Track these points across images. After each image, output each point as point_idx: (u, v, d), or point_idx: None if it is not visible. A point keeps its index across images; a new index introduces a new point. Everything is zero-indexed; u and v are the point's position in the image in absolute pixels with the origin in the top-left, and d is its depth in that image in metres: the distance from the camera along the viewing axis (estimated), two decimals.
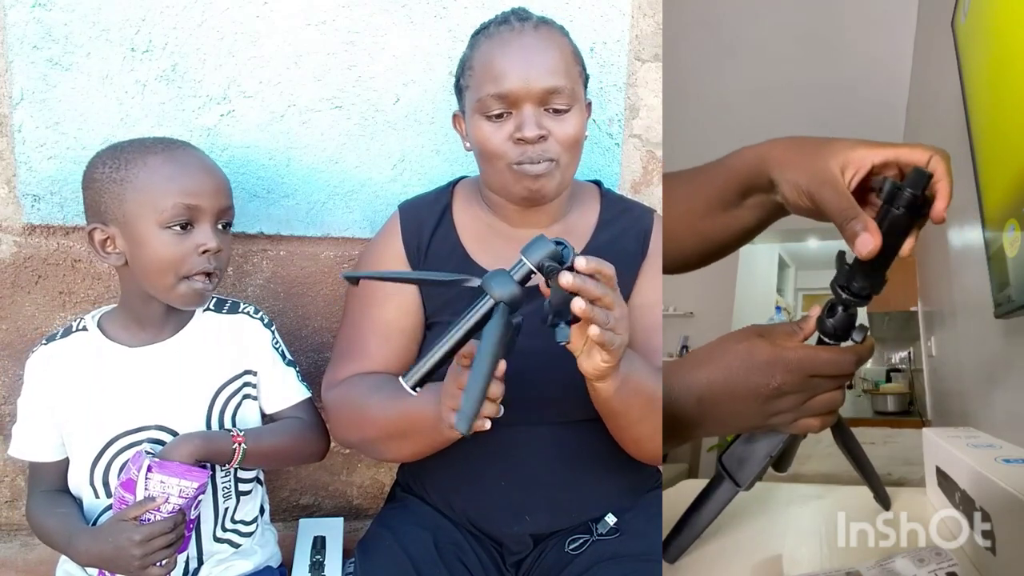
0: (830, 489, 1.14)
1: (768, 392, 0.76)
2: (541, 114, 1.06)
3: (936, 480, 1.04)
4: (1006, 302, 1.10)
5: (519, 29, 1.08)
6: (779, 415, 0.78)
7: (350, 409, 1.11)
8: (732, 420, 0.80)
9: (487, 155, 1.09)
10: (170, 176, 1.02)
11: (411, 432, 1.04)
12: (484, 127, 1.07)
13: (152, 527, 0.96)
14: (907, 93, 2.54)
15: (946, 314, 2.00)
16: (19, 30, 1.22)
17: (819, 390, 0.78)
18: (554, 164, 1.07)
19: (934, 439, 1.07)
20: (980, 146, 1.24)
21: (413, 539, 1.12)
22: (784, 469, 0.96)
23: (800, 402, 0.78)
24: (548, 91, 1.05)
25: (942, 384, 2.18)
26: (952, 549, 0.85)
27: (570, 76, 1.08)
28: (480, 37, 1.11)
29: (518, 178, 1.08)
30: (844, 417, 0.92)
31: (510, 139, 1.06)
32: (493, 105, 1.06)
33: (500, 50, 1.06)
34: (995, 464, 0.86)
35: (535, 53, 1.06)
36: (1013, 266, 1.05)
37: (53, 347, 1.10)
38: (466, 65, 1.11)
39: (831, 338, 0.81)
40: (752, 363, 0.76)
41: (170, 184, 1.02)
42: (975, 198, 1.22)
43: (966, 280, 1.56)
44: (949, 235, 1.76)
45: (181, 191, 1.02)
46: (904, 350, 3.61)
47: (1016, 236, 1.03)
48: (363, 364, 1.14)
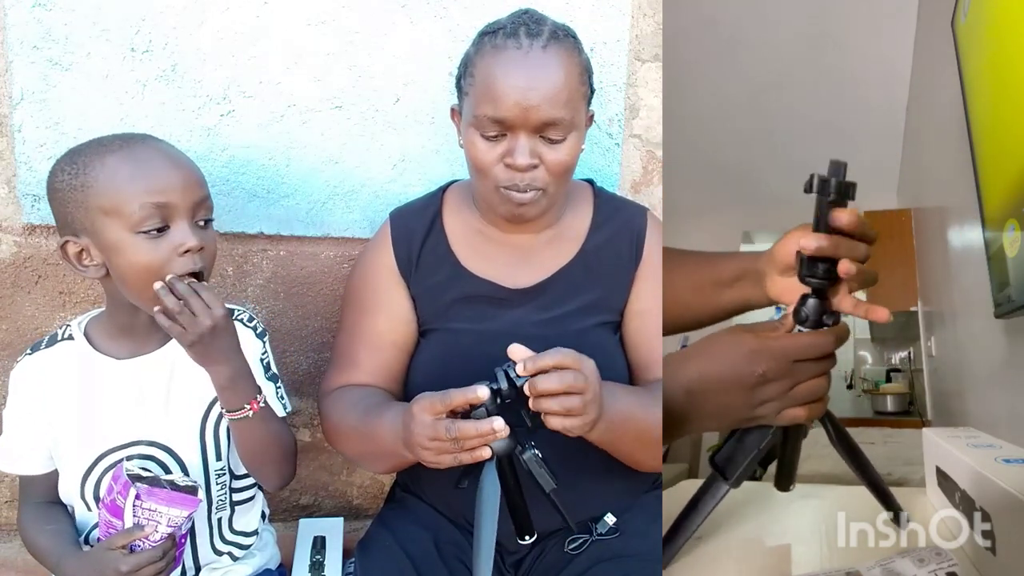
0: (830, 489, 1.14)
1: (754, 380, 0.78)
2: (536, 141, 1.05)
3: (936, 480, 1.04)
4: (1006, 302, 1.10)
5: (526, 49, 1.03)
6: (765, 404, 0.80)
7: (333, 423, 1.13)
8: (721, 412, 0.82)
9: (477, 170, 1.09)
10: (131, 175, 0.93)
11: (379, 453, 1.05)
12: (478, 143, 1.06)
13: (140, 557, 0.93)
14: (907, 93, 2.54)
15: (946, 314, 2.00)
16: (19, 30, 1.22)
17: (803, 376, 0.80)
18: (541, 193, 1.07)
19: (934, 439, 1.07)
20: (980, 146, 1.24)
21: (413, 539, 1.12)
22: (785, 486, 0.96)
23: (785, 389, 0.80)
24: (545, 123, 1.03)
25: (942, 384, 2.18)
26: (952, 549, 0.85)
27: (571, 104, 1.04)
28: (486, 43, 1.06)
29: (503, 200, 1.08)
30: (844, 417, 0.93)
31: (501, 161, 1.06)
32: (488, 127, 1.04)
33: (502, 71, 1.02)
34: (995, 464, 0.86)
35: (538, 80, 1.02)
36: (1013, 266, 1.05)
37: (38, 358, 1.04)
38: (468, 68, 1.08)
39: (808, 326, 0.84)
40: (738, 353, 0.79)
41: (133, 184, 0.93)
42: (975, 198, 1.22)
43: (966, 280, 1.56)
44: (949, 235, 1.76)
45: (146, 190, 0.93)
46: (904, 350, 3.60)
47: (1016, 236, 1.03)
48: (353, 375, 1.16)
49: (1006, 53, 1.09)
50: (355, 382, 1.15)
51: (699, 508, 0.92)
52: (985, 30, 1.22)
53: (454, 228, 1.19)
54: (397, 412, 0.98)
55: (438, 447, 0.90)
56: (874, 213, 2.96)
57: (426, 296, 1.16)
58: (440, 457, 0.91)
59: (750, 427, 0.87)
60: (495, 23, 1.08)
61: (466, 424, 0.88)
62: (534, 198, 1.07)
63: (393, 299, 1.17)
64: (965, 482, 0.90)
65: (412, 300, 1.17)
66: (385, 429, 1.00)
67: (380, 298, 1.17)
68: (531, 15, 1.08)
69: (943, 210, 1.91)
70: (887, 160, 2.99)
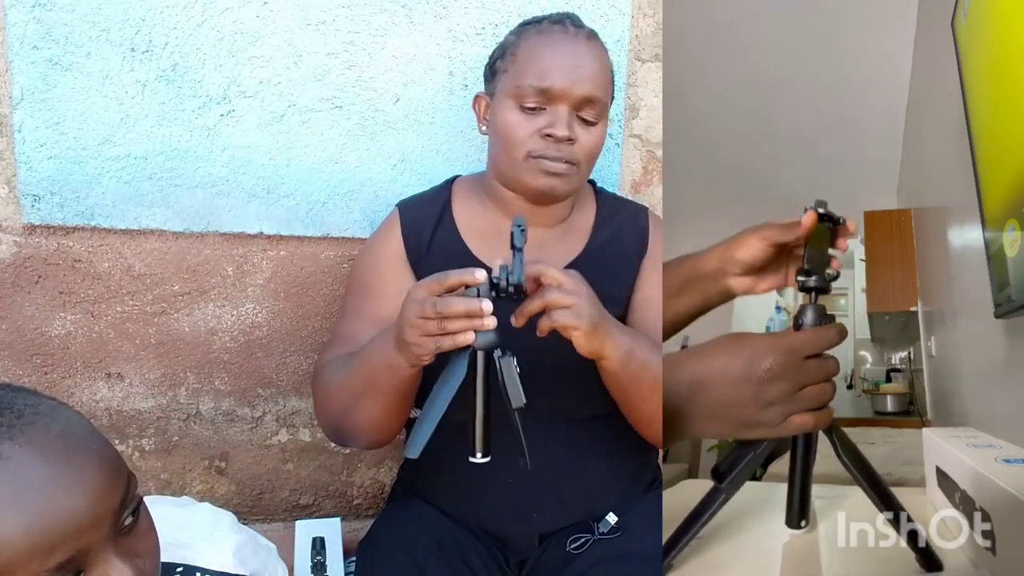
0: (830, 489, 1.14)
1: (760, 374, 0.76)
2: (573, 118, 1.09)
3: (936, 480, 1.04)
4: (1006, 302, 1.10)
5: (573, 34, 1.11)
6: (771, 406, 0.77)
7: (324, 386, 1.11)
8: (725, 412, 0.79)
9: (508, 143, 1.10)
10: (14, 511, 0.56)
11: (372, 383, 1.02)
12: (514, 115, 1.09)
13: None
14: (907, 93, 2.54)
15: (946, 314, 2.00)
16: (19, 30, 1.22)
17: (811, 376, 0.78)
18: (574, 168, 1.10)
19: (934, 439, 1.07)
20: (980, 146, 1.24)
21: (416, 539, 1.12)
22: (798, 522, 0.92)
23: (793, 389, 0.77)
24: (587, 99, 1.08)
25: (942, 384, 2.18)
26: (952, 549, 0.85)
27: (607, 92, 1.12)
28: (530, 28, 1.13)
29: (534, 170, 1.09)
30: (844, 417, 0.92)
31: (537, 133, 1.08)
32: (531, 97, 1.08)
33: (550, 47, 1.09)
34: (995, 464, 0.86)
35: (584, 59, 1.09)
36: (1013, 266, 1.05)
37: None
38: (508, 51, 1.13)
39: None
40: (745, 348, 0.78)
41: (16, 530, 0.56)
42: (975, 198, 1.22)
43: (966, 280, 1.56)
44: (949, 235, 1.76)
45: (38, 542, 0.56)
46: (904, 350, 3.60)
47: (1016, 236, 1.03)
48: (348, 350, 1.13)
49: (1006, 53, 1.09)
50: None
51: (696, 515, 0.89)
52: (985, 30, 1.22)
53: (465, 219, 1.19)
54: (392, 326, 0.98)
55: (422, 325, 0.88)
56: (874, 213, 2.96)
57: None
58: (423, 339, 0.89)
59: (752, 440, 0.84)
60: (539, 16, 1.17)
61: (454, 300, 0.87)
62: (567, 170, 1.10)
63: (401, 285, 1.16)
64: (965, 482, 0.90)
65: None
66: (378, 342, 1.00)
67: (387, 283, 1.16)
68: (571, 15, 1.16)
69: (943, 210, 1.91)
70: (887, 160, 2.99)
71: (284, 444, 1.47)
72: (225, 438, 1.44)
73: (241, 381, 1.42)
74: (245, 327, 1.40)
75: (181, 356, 1.39)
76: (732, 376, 0.77)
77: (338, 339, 1.17)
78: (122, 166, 1.29)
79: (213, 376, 1.41)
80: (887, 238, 2.87)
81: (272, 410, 1.45)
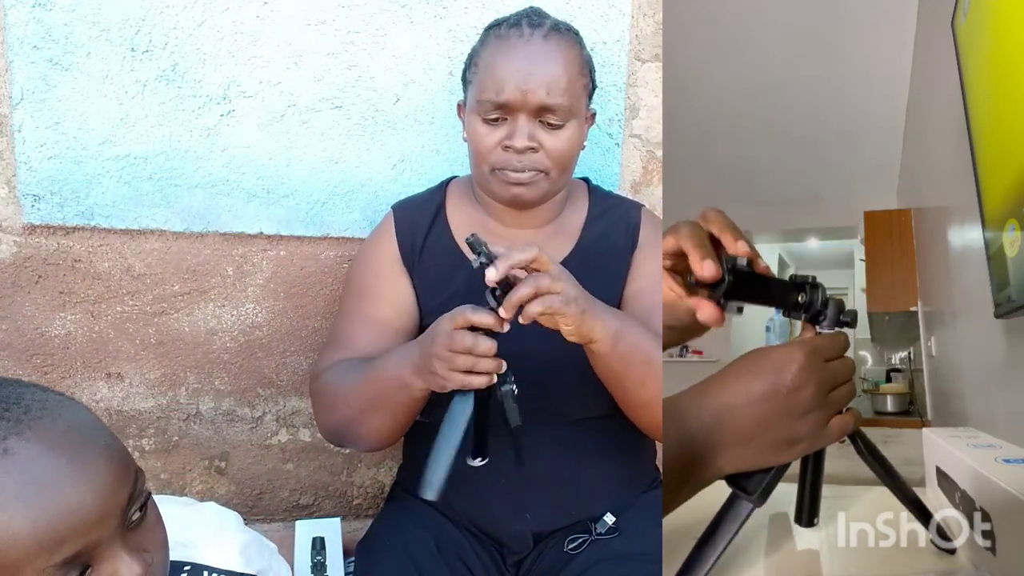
0: (830, 489, 1.13)
1: (788, 383, 0.72)
2: (535, 126, 1.08)
3: (936, 480, 1.04)
4: (1006, 302, 1.10)
5: (527, 36, 1.08)
6: (807, 415, 0.74)
7: (328, 393, 1.11)
8: (759, 431, 0.73)
9: (475, 155, 1.12)
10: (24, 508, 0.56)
11: (382, 399, 1.03)
12: (479, 128, 1.10)
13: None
14: (907, 93, 2.54)
15: (946, 314, 2.00)
16: (19, 30, 1.22)
17: (836, 378, 0.76)
18: (542, 175, 1.10)
19: (934, 439, 1.07)
20: (980, 146, 1.24)
21: (414, 539, 1.12)
22: (810, 520, 0.89)
23: (823, 393, 0.74)
24: (543, 106, 1.07)
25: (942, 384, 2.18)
26: (952, 549, 0.85)
27: (571, 92, 1.08)
28: (491, 35, 1.12)
29: (499, 182, 1.10)
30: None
31: (499, 145, 1.09)
32: (490, 110, 1.08)
33: (504, 56, 1.08)
34: (995, 464, 0.86)
35: (538, 65, 1.07)
36: (1013, 266, 1.05)
37: None
38: (473, 59, 1.13)
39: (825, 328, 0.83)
40: (765, 361, 0.74)
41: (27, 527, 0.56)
42: (975, 198, 1.22)
43: (966, 280, 1.56)
44: (949, 235, 1.76)
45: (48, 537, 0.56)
46: (904, 350, 3.61)
47: (1016, 236, 1.03)
48: (347, 354, 1.14)
49: (1006, 53, 1.09)
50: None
51: (721, 532, 0.81)
52: (985, 30, 1.22)
53: (457, 221, 1.20)
54: (411, 344, 1.00)
55: (451, 359, 0.90)
56: (874, 213, 2.97)
57: (428, 287, 1.17)
58: (451, 374, 0.90)
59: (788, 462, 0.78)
60: (500, 18, 1.13)
61: (486, 340, 0.89)
62: (532, 179, 1.09)
63: (396, 287, 1.17)
64: (965, 482, 0.90)
65: (415, 290, 1.17)
66: (392, 361, 1.01)
67: (383, 285, 1.17)
68: (534, 10, 1.13)
69: (943, 210, 1.91)
70: (887, 160, 2.99)
71: (284, 444, 1.47)
72: (225, 438, 1.44)
73: (241, 381, 1.42)
74: (245, 327, 1.40)
75: (181, 356, 1.39)
76: (759, 392, 0.73)
77: (335, 342, 1.17)
78: (122, 166, 1.29)
79: (213, 376, 1.41)
80: (887, 238, 2.88)
81: (272, 410, 1.45)
